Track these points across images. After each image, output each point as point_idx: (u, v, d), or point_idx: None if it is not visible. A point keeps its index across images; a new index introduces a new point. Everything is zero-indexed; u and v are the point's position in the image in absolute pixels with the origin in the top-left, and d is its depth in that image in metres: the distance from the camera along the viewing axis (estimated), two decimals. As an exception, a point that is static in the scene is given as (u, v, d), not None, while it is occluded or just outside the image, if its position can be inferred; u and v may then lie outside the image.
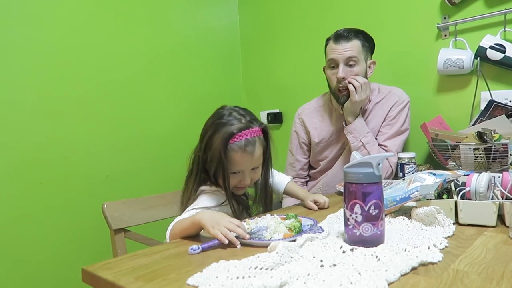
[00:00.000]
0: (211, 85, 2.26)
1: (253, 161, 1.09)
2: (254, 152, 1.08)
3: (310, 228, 0.91)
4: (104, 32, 1.78)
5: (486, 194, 0.97)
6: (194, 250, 0.80)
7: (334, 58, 1.51)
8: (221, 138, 1.05)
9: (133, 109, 1.88)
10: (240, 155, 1.06)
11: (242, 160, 1.07)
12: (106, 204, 1.23)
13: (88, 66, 1.72)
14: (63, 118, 1.64)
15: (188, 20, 2.15)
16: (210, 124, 1.10)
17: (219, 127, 1.07)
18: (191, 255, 0.80)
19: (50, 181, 1.60)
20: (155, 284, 0.65)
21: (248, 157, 1.07)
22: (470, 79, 1.65)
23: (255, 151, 1.08)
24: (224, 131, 1.05)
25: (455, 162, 1.41)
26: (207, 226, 0.86)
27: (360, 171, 0.79)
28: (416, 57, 1.77)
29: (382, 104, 1.61)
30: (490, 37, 1.52)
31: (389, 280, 0.61)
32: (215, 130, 1.07)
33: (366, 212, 0.78)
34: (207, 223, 0.87)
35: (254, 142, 1.07)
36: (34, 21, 1.56)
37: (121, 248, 1.22)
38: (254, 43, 2.39)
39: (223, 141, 1.04)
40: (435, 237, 0.82)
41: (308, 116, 1.73)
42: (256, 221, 0.99)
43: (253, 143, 1.07)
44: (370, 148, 1.51)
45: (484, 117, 1.47)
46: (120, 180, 1.81)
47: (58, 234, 1.61)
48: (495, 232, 0.88)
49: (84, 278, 0.75)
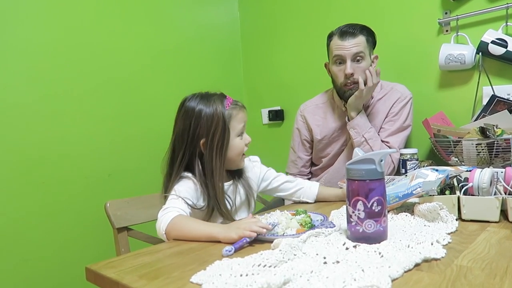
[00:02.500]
0: (212, 83, 2.26)
1: (246, 115, 1.18)
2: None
3: (321, 223, 0.92)
4: (105, 30, 1.77)
5: (489, 189, 0.97)
6: (229, 252, 0.78)
7: (341, 54, 1.50)
8: (219, 105, 1.11)
9: (134, 107, 1.88)
10: (238, 109, 1.15)
11: (243, 114, 1.16)
12: (109, 203, 1.23)
13: (90, 65, 1.72)
14: (64, 117, 1.64)
15: (189, 18, 2.15)
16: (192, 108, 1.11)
17: (207, 103, 1.11)
18: (225, 256, 0.77)
19: (52, 181, 1.60)
20: (159, 282, 0.66)
21: (244, 111, 1.17)
22: (472, 74, 1.64)
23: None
24: (215, 100, 1.12)
25: (457, 158, 1.41)
26: (227, 236, 0.86)
27: (362, 168, 0.79)
28: (418, 53, 1.76)
29: (385, 101, 1.60)
30: (492, 32, 1.51)
31: (393, 276, 0.61)
32: (205, 105, 1.11)
33: (369, 209, 0.78)
34: (226, 233, 0.86)
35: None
36: (35, 20, 1.56)
37: (124, 247, 1.22)
38: (254, 40, 2.39)
39: (222, 107, 1.11)
40: (438, 233, 0.82)
41: (310, 113, 1.72)
42: (266, 217, 1.00)
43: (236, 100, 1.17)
44: (373, 143, 1.51)
45: (486, 112, 1.47)
46: (123, 179, 1.82)
47: (61, 233, 1.62)
48: (498, 228, 0.88)
49: (88, 277, 0.75)
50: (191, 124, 1.10)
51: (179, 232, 0.93)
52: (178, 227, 0.94)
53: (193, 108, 1.11)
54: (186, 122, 1.11)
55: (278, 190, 1.33)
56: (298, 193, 1.33)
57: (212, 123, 1.10)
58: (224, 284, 0.60)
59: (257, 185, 1.29)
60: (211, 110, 1.10)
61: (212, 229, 0.90)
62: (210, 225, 0.95)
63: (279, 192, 1.34)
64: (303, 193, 1.33)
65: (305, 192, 1.33)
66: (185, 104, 1.13)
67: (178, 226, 0.94)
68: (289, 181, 1.33)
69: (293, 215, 0.98)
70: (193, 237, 0.91)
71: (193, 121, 1.10)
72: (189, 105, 1.12)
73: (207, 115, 1.10)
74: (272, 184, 1.31)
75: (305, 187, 1.33)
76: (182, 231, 0.93)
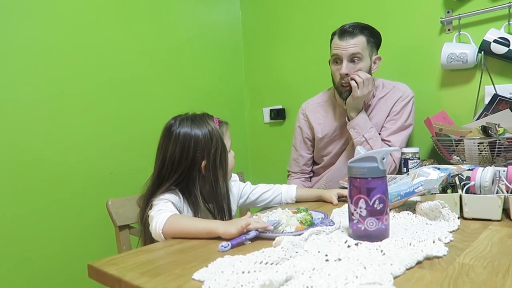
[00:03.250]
0: (214, 82, 2.26)
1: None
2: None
3: (321, 221, 0.92)
4: (107, 30, 1.77)
5: (491, 188, 0.96)
6: (224, 247, 0.79)
7: (338, 54, 1.50)
8: (212, 124, 1.12)
9: (136, 106, 1.88)
10: (225, 126, 1.19)
11: (228, 130, 1.20)
12: (111, 201, 1.24)
13: (91, 64, 1.72)
14: (67, 116, 1.65)
15: (190, 17, 2.15)
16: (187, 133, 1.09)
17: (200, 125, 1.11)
18: (222, 252, 0.78)
19: (54, 179, 1.60)
20: (161, 279, 0.66)
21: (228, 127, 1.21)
22: (474, 73, 1.64)
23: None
24: (207, 120, 1.13)
25: (459, 157, 1.41)
26: (227, 232, 0.86)
27: (364, 166, 0.78)
28: (420, 52, 1.76)
29: (386, 99, 1.60)
30: (494, 30, 1.51)
31: (395, 273, 0.61)
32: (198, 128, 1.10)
33: (370, 207, 0.78)
34: (226, 229, 0.87)
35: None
36: (37, 20, 1.56)
37: (125, 245, 1.23)
38: (256, 39, 2.38)
39: (215, 126, 1.12)
40: (440, 231, 0.82)
41: (312, 112, 1.72)
42: (268, 215, 1.01)
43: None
44: (373, 143, 1.51)
45: (488, 112, 1.46)
46: (124, 177, 1.82)
47: (63, 231, 1.62)
48: (500, 226, 0.88)
49: (90, 274, 0.76)
50: (189, 149, 1.08)
51: (178, 230, 0.93)
52: (176, 225, 0.93)
53: (187, 133, 1.09)
54: (181, 147, 1.08)
55: (257, 202, 1.35)
56: (277, 199, 1.34)
57: (211, 143, 1.10)
58: (226, 281, 0.60)
59: (236, 203, 1.30)
60: (207, 132, 1.10)
61: (212, 225, 0.91)
62: (209, 221, 0.95)
63: (259, 203, 1.35)
64: (282, 197, 1.34)
65: (283, 196, 1.34)
66: (176, 131, 1.10)
67: (176, 225, 0.93)
68: (267, 190, 1.34)
69: (294, 213, 0.99)
70: (193, 234, 0.91)
71: (191, 146, 1.08)
72: (181, 130, 1.09)
73: (205, 137, 1.09)
74: (249, 198, 1.33)
75: (283, 191, 1.34)
76: (181, 229, 0.92)
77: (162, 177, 1.10)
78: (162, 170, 1.11)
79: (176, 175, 1.09)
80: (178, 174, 1.09)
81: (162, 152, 1.12)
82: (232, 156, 1.19)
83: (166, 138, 1.11)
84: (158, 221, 0.95)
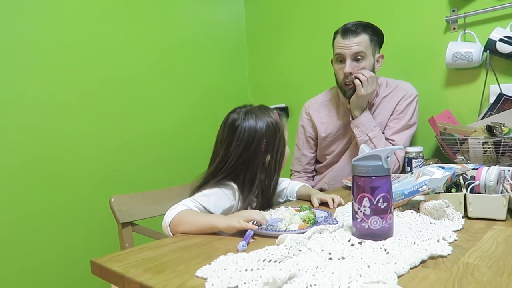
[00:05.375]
0: (217, 80, 2.26)
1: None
2: None
3: (324, 220, 0.92)
4: (111, 28, 1.78)
5: (495, 187, 0.96)
6: (244, 246, 0.78)
7: (341, 53, 1.49)
8: (274, 117, 1.10)
9: (140, 104, 1.89)
10: (284, 118, 1.17)
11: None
12: (114, 198, 1.24)
13: (94, 62, 1.72)
14: (70, 114, 1.65)
15: (194, 15, 2.14)
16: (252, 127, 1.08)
17: (263, 118, 1.09)
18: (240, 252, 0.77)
19: (57, 176, 1.61)
20: (164, 276, 0.66)
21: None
22: (479, 72, 1.63)
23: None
24: (269, 113, 1.11)
25: (463, 156, 1.40)
26: (229, 225, 0.87)
27: (368, 164, 0.78)
28: (425, 51, 1.75)
29: (390, 98, 1.59)
30: (499, 29, 1.50)
31: (399, 272, 0.61)
32: (262, 122, 1.09)
33: (374, 205, 0.77)
34: (228, 223, 0.87)
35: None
36: (41, 18, 1.56)
37: (128, 242, 1.23)
38: (260, 37, 2.38)
39: (278, 120, 1.11)
40: (444, 231, 0.82)
41: (315, 111, 1.72)
42: (271, 213, 1.01)
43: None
44: (377, 142, 1.50)
45: (493, 111, 1.46)
46: (128, 175, 1.82)
47: (66, 229, 1.63)
48: (505, 226, 0.87)
49: (93, 270, 0.76)
50: (255, 143, 1.07)
51: (183, 225, 0.93)
52: (182, 220, 0.94)
53: (252, 127, 1.08)
54: (246, 142, 1.07)
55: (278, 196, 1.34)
56: (283, 193, 1.35)
57: (275, 138, 1.09)
58: (229, 279, 0.60)
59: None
60: (271, 125, 1.09)
61: (213, 219, 0.91)
62: (211, 216, 0.96)
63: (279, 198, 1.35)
64: (288, 192, 1.34)
65: (289, 191, 1.34)
66: (242, 125, 1.08)
67: (182, 220, 0.94)
68: (287, 188, 1.35)
69: (297, 211, 0.98)
70: (195, 229, 0.91)
71: (256, 140, 1.07)
72: (247, 125, 1.08)
73: (270, 130, 1.08)
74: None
75: (289, 187, 1.35)
76: (186, 224, 0.93)
77: (220, 169, 1.09)
78: (222, 163, 1.09)
79: (236, 169, 1.08)
80: (238, 168, 1.08)
81: (225, 146, 1.10)
82: (288, 150, 1.18)
83: (230, 133, 1.10)
84: (167, 216, 0.96)
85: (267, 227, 0.89)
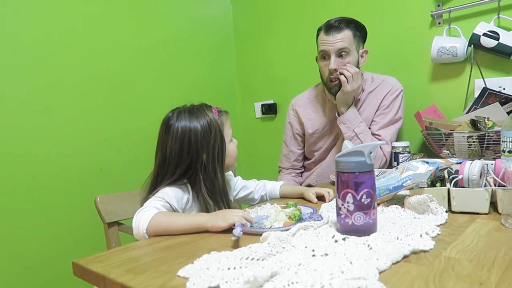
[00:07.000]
0: (205, 76, 2.25)
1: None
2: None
3: (310, 216, 0.92)
4: (96, 24, 1.75)
5: (479, 181, 0.97)
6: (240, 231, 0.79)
7: (325, 50, 1.49)
8: (211, 115, 1.09)
9: (126, 101, 1.87)
10: (225, 115, 1.15)
11: (228, 119, 1.16)
12: (99, 198, 1.22)
13: (79, 59, 1.70)
14: (56, 111, 1.63)
15: (181, 10, 2.12)
16: (185, 126, 1.06)
17: (198, 117, 1.08)
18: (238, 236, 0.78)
19: (43, 175, 1.59)
20: (146, 276, 0.65)
21: (228, 115, 1.17)
22: (464, 67, 1.64)
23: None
24: (205, 111, 1.09)
25: (449, 151, 1.41)
26: (216, 225, 0.87)
27: (351, 160, 0.78)
28: (410, 46, 1.76)
29: (376, 93, 1.60)
30: (484, 24, 1.51)
31: (380, 268, 0.61)
32: (197, 120, 1.07)
33: (358, 201, 0.78)
34: (215, 222, 0.87)
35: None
36: (24, 14, 1.54)
37: (115, 241, 1.22)
38: (247, 34, 2.37)
39: (213, 116, 1.09)
40: (428, 225, 0.82)
41: (301, 107, 1.72)
42: (256, 210, 1.01)
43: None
44: (364, 138, 1.51)
45: (478, 105, 1.47)
46: (115, 173, 1.80)
47: (52, 228, 1.61)
48: (488, 219, 0.88)
49: (75, 272, 0.75)
50: (189, 143, 1.05)
51: (165, 228, 0.90)
52: (162, 224, 0.90)
53: (185, 126, 1.06)
54: (180, 141, 1.05)
55: (247, 200, 1.33)
56: (263, 198, 1.33)
57: (210, 135, 1.07)
58: (211, 278, 0.60)
59: (232, 197, 1.28)
60: (205, 123, 1.07)
61: (200, 219, 0.90)
62: (196, 216, 0.95)
63: (248, 201, 1.34)
64: (267, 196, 1.33)
65: (268, 195, 1.33)
66: (174, 124, 1.07)
67: (162, 223, 0.90)
68: (256, 187, 1.33)
69: (282, 208, 0.98)
70: (181, 230, 0.90)
71: (191, 139, 1.05)
72: (179, 124, 1.07)
73: (204, 129, 1.07)
74: (239, 194, 1.31)
75: (267, 190, 1.33)
76: (168, 227, 0.90)
77: (164, 172, 1.07)
78: (162, 165, 1.08)
79: (179, 169, 1.06)
80: (181, 168, 1.06)
81: (161, 147, 1.09)
82: (235, 145, 1.17)
83: (165, 133, 1.09)
84: (141, 221, 0.91)
85: (252, 225, 0.89)
